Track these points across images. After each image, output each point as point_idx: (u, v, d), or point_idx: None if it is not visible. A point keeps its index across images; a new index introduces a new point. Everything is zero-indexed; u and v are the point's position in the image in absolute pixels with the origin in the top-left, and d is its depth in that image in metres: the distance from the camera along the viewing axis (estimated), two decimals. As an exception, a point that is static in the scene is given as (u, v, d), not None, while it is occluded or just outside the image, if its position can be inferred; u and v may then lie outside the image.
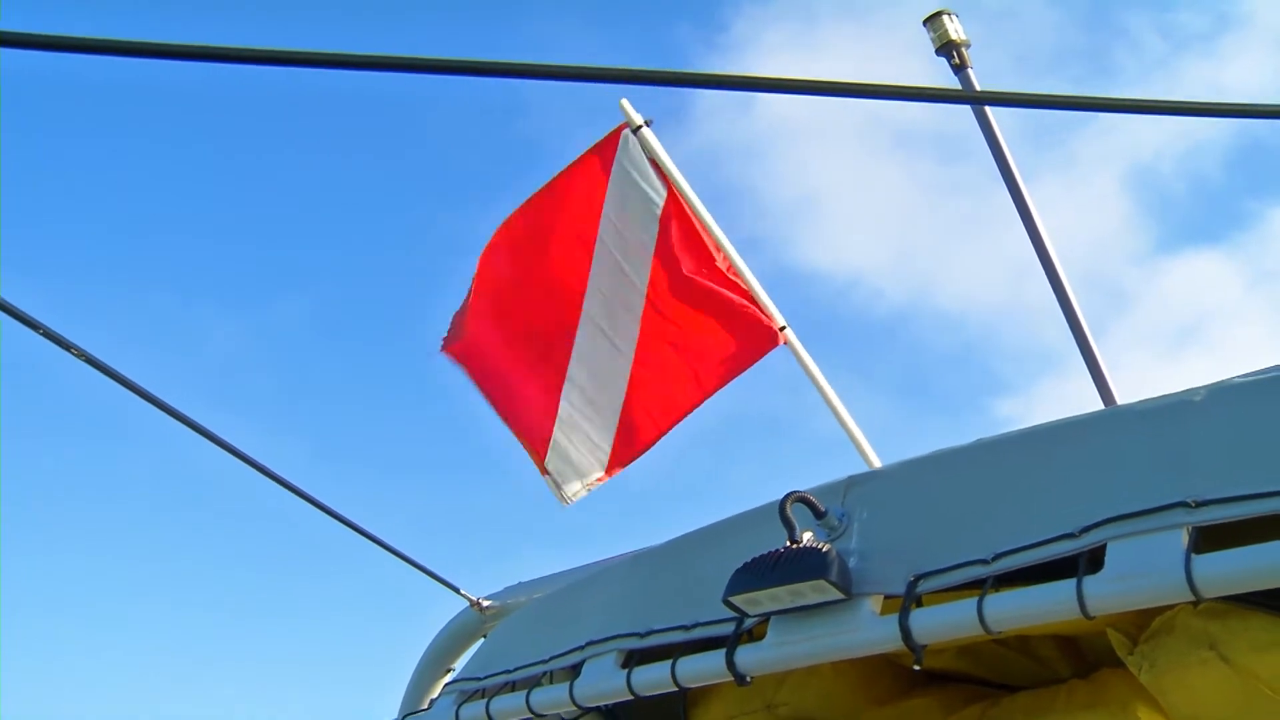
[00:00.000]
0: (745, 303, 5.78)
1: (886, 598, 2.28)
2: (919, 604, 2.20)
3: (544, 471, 5.84)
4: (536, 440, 5.87)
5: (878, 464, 5.69)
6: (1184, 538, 1.93)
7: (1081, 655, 2.80)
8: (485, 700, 3.02)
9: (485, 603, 3.94)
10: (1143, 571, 1.95)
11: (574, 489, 5.81)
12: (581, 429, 5.85)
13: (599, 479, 5.82)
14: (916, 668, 2.21)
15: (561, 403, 5.86)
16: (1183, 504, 1.97)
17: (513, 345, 6.05)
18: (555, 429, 5.87)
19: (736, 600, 2.35)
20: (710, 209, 6.04)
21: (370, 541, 4.09)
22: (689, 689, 2.89)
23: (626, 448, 5.80)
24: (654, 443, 5.82)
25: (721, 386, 5.80)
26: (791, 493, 2.42)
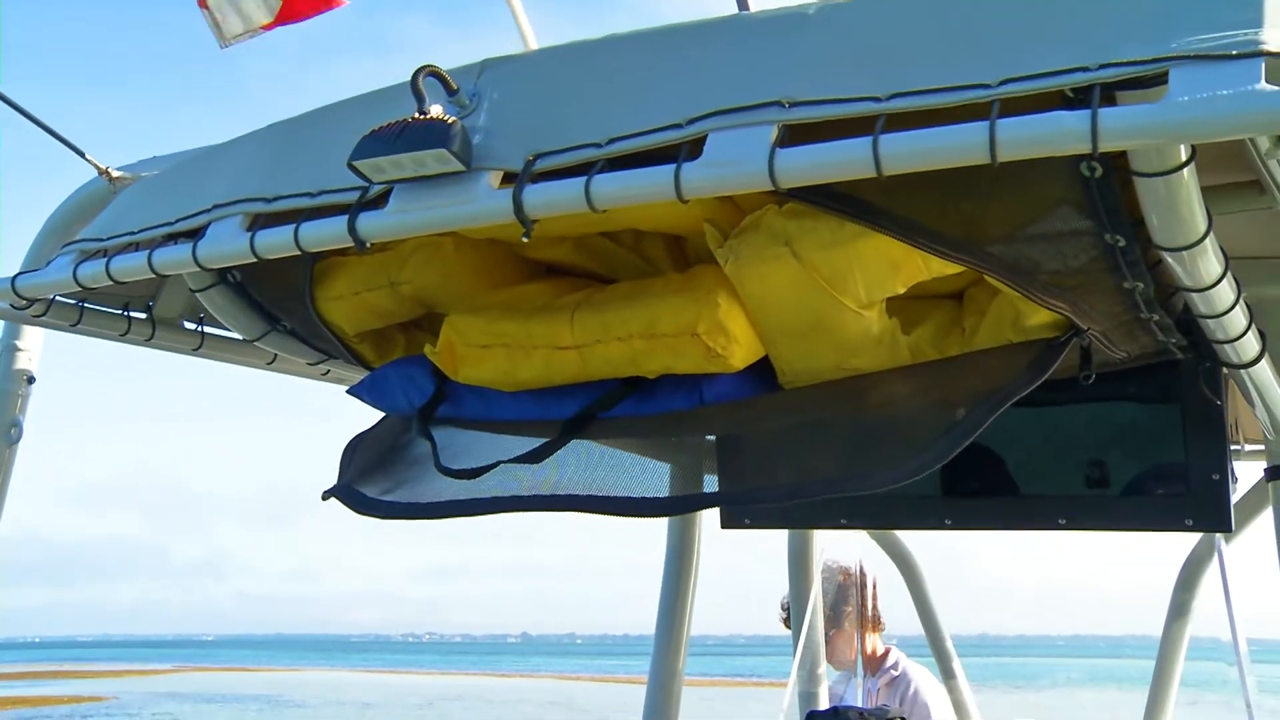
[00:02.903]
0: None
1: (506, 174, 2.37)
2: (534, 180, 2.31)
3: (203, 4, 5.43)
4: None
5: None
6: (774, 133, 2.10)
7: (686, 258, 3.06)
8: (105, 259, 2.96)
9: (115, 173, 3.76)
10: (733, 159, 2.12)
11: (234, 29, 5.44)
12: None
13: (263, 25, 5.47)
14: (525, 239, 2.34)
15: None
16: (778, 103, 2.13)
17: None
18: None
19: (361, 166, 2.38)
20: None
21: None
22: (313, 256, 2.95)
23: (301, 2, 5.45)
24: (329, 8, 5.49)
25: None
26: (424, 66, 2.43)
